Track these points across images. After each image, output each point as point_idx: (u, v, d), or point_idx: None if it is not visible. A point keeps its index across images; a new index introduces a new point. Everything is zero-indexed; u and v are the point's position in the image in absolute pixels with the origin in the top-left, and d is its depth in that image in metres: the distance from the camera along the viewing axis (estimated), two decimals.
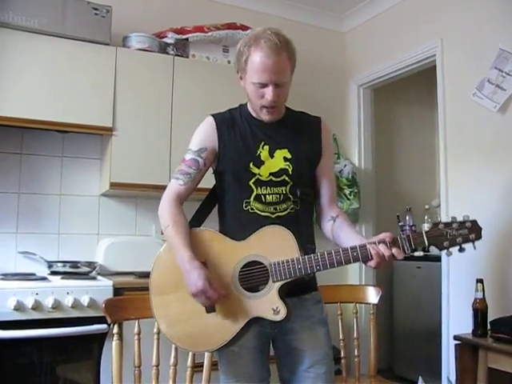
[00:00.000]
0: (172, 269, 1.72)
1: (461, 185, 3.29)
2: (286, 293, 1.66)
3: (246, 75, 1.74)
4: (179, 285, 1.69)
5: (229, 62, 3.52)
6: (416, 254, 4.39)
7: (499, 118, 3.06)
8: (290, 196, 1.75)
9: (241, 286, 1.66)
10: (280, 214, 1.74)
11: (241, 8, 3.94)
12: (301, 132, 1.85)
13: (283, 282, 1.63)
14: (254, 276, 1.66)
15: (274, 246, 1.66)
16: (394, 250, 1.60)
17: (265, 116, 1.77)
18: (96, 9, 3.08)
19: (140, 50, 3.28)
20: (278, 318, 1.61)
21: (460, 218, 1.60)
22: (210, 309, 1.65)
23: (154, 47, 3.34)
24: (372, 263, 1.63)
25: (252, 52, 1.69)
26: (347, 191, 4.04)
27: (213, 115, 1.84)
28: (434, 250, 4.34)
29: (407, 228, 4.38)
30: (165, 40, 3.41)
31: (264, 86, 1.69)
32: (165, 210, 1.77)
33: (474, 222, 1.59)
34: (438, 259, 3.65)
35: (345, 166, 4.12)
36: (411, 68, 3.88)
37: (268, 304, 1.63)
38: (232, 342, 1.66)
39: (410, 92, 5.00)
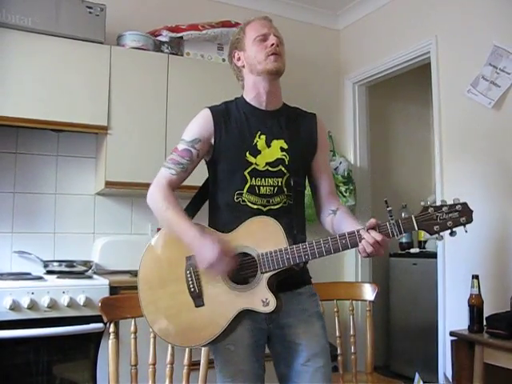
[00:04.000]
0: (159, 264, 1.73)
1: (456, 181, 3.29)
2: (276, 284, 1.64)
3: (244, 45, 1.81)
4: (167, 280, 1.70)
5: (223, 59, 3.51)
6: (412, 250, 4.41)
7: (494, 115, 3.06)
8: (285, 189, 1.75)
9: (229, 279, 1.64)
10: (272, 207, 1.73)
11: (235, 6, 3.94)
12: (297, 124, 1.86)
13: (272, 273, 1.61)
14: (242, 268, 1.65)
15: (262, 236, 1.65)
16: (383, 236, 1.55)
17: (271, 64, 1.76)
18: (90, 7, 3.07)
19: (134, 48, 3.27)
20: (268, 309, 1.59)
21: (450, 202, 1.55)
22: (199, 302, 1.65)
23: (149, 45, 3.33)
24: (363, 252, 1.57)
25: (247, 25, 1.84)
26: (343, 188, 4.04)
27: (209, 107, 1.84)
28: (429, 247, 4.36)
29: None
30: (159, 38, 3.40)
31: (265, 38, 1.78)
32: (158, 195, 1.73)
33: (465, 205, 1.54)
34: (434, 256, 3.66)
35: (340, 163, 4.12)
36: (406, 65, 3.88)
37: (257, 296, 1.61)
38: (223, 336, 1.65)
39: (405, 89, 5.00)
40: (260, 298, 1.60)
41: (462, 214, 1.53)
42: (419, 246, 4.48)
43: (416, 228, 1.56)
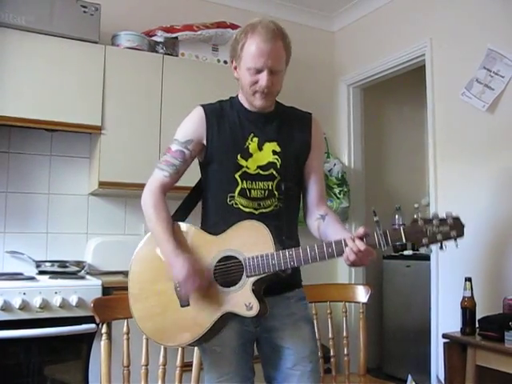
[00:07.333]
0: (150, 262, 1.74)
1: (450, 183, 3.30)
2: (263, 288, 1.64)
3: (240, 62, 1.72)
4: (157, 278, 1.71)
5: (218, 60, 3.51)
6: (405, 252, 4.41)
7: (488, 118, 3.07)
8: (276, 192, 1.74)
9: (216, 281, 1.64)
10: (263, 210, 1.72)
11: (230, 7, 3.94)
12: (291, 126, 1.83)
13: (257, 278, 1.60)
14: (228, 271, 1.65)
15: (250, 240, 1.64)
16: (367, 246, 1.52)
17: (258, 101, 1.73)
18: (85, 6, 3.06)
19: (129, 48, 3.26)
20: (251, 314, 1.59)
21: (443, 214, 1.52)
22: (185, 302, 1.65)
23: (144, 46, 3.32)
24: (346, 260, 1.55)
25: (249, 38, 1.69)
26: (337, 190, 4.04)
27: (202, 105, 1.82)
28: (422, 249, 4.35)
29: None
30: (154, 38, 3.40)
31: (258, 71, 1.69)
32: (149, 201, 1.75)
33: (457, 219, 1.50)
34: (427, 258, 3.66)
35: (334, 165, 4.13)
36: (401, 67, 3.89)
37: (241, 299, 1.60)
38: (208, 337, 1.65)
39: (400, 91, 5.01)
40: (244, 301, 1.60)
41: (452, 228, 1.49)
42: (413, 249, 4.48)
43: (404, 240, 1.53)
